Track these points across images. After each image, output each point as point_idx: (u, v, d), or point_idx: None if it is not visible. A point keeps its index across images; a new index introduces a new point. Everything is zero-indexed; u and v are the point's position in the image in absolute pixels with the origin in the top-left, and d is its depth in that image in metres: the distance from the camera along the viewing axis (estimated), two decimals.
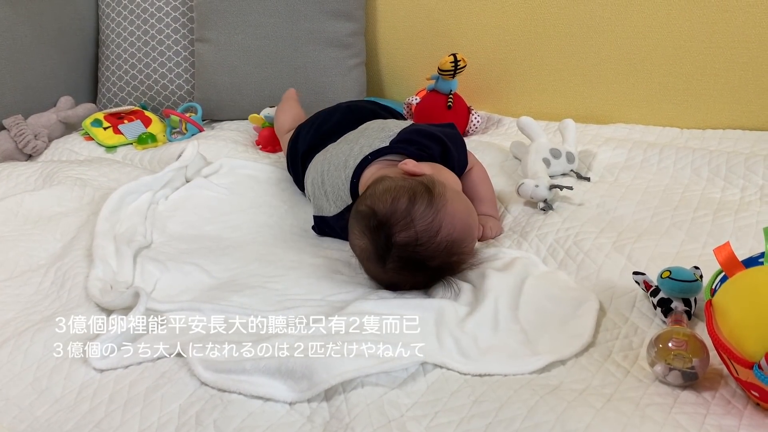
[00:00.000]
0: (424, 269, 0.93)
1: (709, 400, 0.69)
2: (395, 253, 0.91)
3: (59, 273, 1.01)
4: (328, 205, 1.12)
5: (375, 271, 0.96)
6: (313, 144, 1.25)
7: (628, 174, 1.27)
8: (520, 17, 1.63)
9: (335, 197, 1.11)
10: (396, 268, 0.92)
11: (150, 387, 0.76)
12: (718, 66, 1.47)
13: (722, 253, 0.70)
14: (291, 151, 1.33)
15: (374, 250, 0.93)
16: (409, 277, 0.94)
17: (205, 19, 1.73)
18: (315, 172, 1.17)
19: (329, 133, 1.25)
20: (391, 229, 0.91)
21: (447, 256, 0.93)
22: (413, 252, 0.91)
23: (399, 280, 0.95)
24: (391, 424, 0.68)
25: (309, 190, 1.19)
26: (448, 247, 0.92)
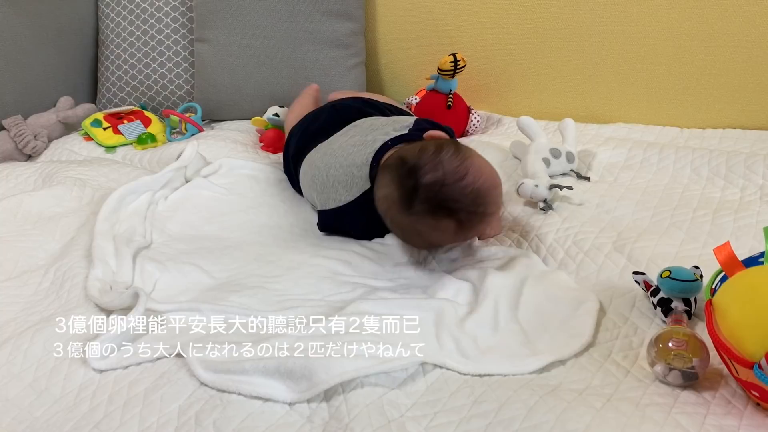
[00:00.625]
0: (448, 215, 0.93)
1: (710, 400, 0.69)
2: (422, 194, 0.93)
3: (59, 273, 1.01)
4: (341, 194, 1.11)
5: (400, 219, 0.97)
6: (301, 146, 1.25)
7: (628, 173, 1.27)
8: (520, 17, 1.63)
9: (350, 185, 1.10)
10: (422, 211, 0.94)
11: (149, 387, 0.76)
12: (718, 65, 1.47)
13: (722, 253, 0.70)
14: (285, 154, 1.34)
15: (401, 194, 0.95)
16: (432, 224, 0.95)
17: (205, 19, 1.73)
18: (316, 169, 1.16)
19: (316, 133, 1.25)
20: (419, 171, 0.94)
21: (472, 205, 0.94)
22: (439, 192, 0.93)
23: (423, 227, 0.96)
24: (391, 425, 0.68)
25: (310, 187, 1.18)
26: (474, 195, 0.94)
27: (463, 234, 0.99)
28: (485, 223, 1.00)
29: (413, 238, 1.01)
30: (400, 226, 1.00)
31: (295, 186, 1.30)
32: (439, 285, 0.93)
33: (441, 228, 0.96)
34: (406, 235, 1.01)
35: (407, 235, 1.01)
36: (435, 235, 0.98)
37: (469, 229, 0.98)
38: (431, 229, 0.96)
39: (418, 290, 0.94)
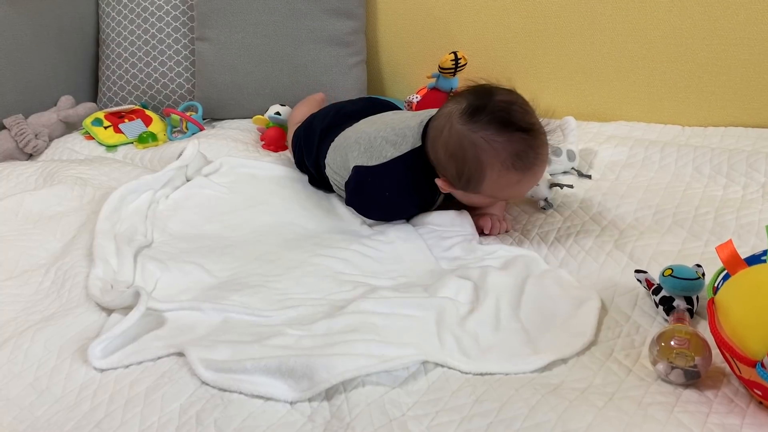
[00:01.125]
0: (511, 130, 0.97)
1: (712, 399, 0.69)
2: (491, 106, 0.98)
3: (59, 272, 1.01)
4: (387, 151, 1.11)
5: (458, 129, 0.99)
6: (334, 123, 1.26)
7: (630, 172, 1.27)
8: (522, 15, 1.63)
9: (399, 143, 1.11)
10: (486, 122, 0.97)
11: (150, 387, 0.76)
12: (720, 63, 1.46)
13: (724, 251, 0.69)
14: (306, 130, 1.32)
15: (470, 104, 1.00)
16: (491, 138, 0.97)
17: (206, 17, 1.73)
18: (362, 132, 1.17)
19: (350, 115, 1.27)
20: (494, 91, 1.01)
21: (536, 137, 0.98)
22: (510, 110, 0.98)
23: (480, 140, 0.98)
24: (392, 424, 0.68)
25: (350, 148, 1.16)
26: (539, 130, 0.99)
27: (514, 165, 0.97)
28: (532, 172, 0.99)
29: (457, 157, 1.00)
30: (455, 136, 1.00)
31: (302, 166, 1.32)
32: (441, 284, 0.93)
33: (497, 146, 0.97)
34: (456, 151, 1.00)
35: (457, 151, 1.00)
36: (486, 155, 0.98)
37: (523, 160, 0.97)
38: (487, 144, 0.97)
39: (419, 289, 0.94)
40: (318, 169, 1.27)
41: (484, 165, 0.99)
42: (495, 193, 1.04)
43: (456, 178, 1.04)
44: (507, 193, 1.05)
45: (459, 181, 1.03)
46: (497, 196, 1.06)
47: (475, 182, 1.01)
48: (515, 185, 1.01)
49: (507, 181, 1.00)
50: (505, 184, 1.01)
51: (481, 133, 0.98)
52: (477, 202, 1.10)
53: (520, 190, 1.04)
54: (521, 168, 0.98)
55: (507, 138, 0.97)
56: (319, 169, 1.27)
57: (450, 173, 1.04)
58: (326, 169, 1.23)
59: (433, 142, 1.05)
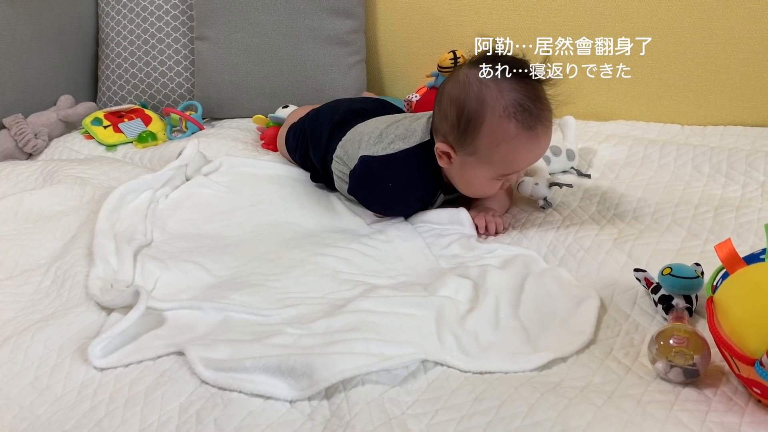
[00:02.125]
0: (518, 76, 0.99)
1: (711, 398, 0.69)
2: (503, 57, 1.01)
3: (59, 272, 1.01)
4: (396, 145, 1.13)
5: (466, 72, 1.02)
6: (345, 119, 1.27)
7: (629, 171, 1.27)
8: (520, 14, 1.63)
9: (408, 137, 1.13)
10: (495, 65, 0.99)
11: (150, 386, 0.76)
12: (719, 62, 1.46)
13: (723, 250, 0.69)
14: (312, 124, 1.32)
15: (477, 57, 1.02)
16: (498, 77, 0.98)
17: (205, 17, 1.73)
18: (372, 127, 1.19)
19: (360, 113, 1.28)
20: (503, 54, 1.03)
21: (542, 91, 1.01)
22: (521, 61, 1.01)
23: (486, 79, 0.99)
24: (392, 422, 0.68)
25: (360, 139, 1.18)
26: (547, 85, 1.01)
27: (515, 115, 0.98)
28: (533, 132, 0.99)
29: (460, 97, 1.01)
30: (461, 77, 1.02)
31: (304, 161, 1.33)
32: (440, 282, 0.93)
33: (503, 87, 0.98)
34: (457, 92, 1.02)
35: (458, 92, 1.01)
36: (489, 93, 0.98)
37: (526, 112, 0.98)
38: (493, 84, 0.98)
39: (418, 288, 0.94)
40: (324, 164, 1.27)
41: (485, 104, 0.99)
42: (491, 151, 1.01)
43: (455, 126, 1.02)
44: (503, 154, 1.01)
45: (458, 128, 1.02)
46: (493, 159, 1.02)
47: (473, 128, 1.00)
48: (512, 142, 0.99)
49: (504, 133, 0.98)
50: (502, 138, 0.99)
51: (490, 81, 0.99)
52: (475, 177, 1.07)
53: (517, 154, 1.01)
54: (522, 121, 0.98)
55: (514, 82, 0.98)
56: (325, 163, 1.26)
57: (450, 120, 1.03)
58: (333, 163, 1.23)
59: (439, 95, 1.06)
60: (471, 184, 1.10)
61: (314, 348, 0.78)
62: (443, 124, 1.05)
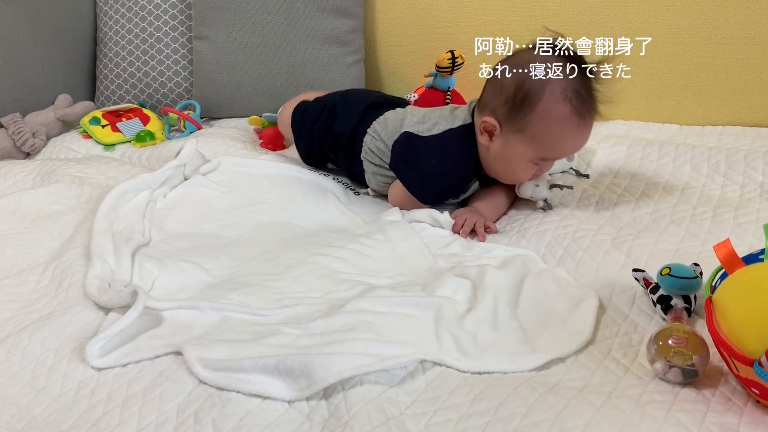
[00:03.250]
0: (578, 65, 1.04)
1: (710, 398, 0.69)
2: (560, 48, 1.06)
3: (57, 271, 1.01)
4: (440, 126, 1.17)
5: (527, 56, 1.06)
6: (380, 103, 1.32)
7: (628, 170, 1.27)
8: (519, 14, 1.63)
9: (450, 119, 1.18)
10: (555, 54, 1.05)
11: (148, 385, 0.76)
12: (718, 62, 1.46)
13: (722, 250, 0.69)
14: (345, 99, 1.36)
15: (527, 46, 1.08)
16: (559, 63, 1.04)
17: (203, 16, 1.73)
18: (414, 110, 1.25)
19: (393, 102, 1.34)
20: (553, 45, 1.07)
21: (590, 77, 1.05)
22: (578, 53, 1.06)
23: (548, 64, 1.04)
24: (390, 423, 0.68)
25: (398, 120, 1.23)
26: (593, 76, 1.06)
27: (571, 99, 1.03)
28: (583, 119, 1.05)
29: (520, 75, 1.05)
30: (523, 58, 1.05)
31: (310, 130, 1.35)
32: (438, 283, 0.93)
33: (567, 72, 1.03)
34: (518, 70, 1.05)
35: (518, 69, 1.05)
36: (554, 75, 1.03)
37: (581, 99, 1.03)
38: (550, 69, 1.03)
39: (417, 288, 0.94)
40: (351, 138, 1.28)
41: (546, 83, 1.03)
42: (539, 130, 1.05)
43: (510, 98, 1.06)
44: (550, 135, 1.06)
45: (513, 101, 1.06)
46: (539, 139, 1.06)
47: (529, 103, 1.05)
48: (562, 124, 1.04)
49: (559, 113, 1.04)
50: (554, 118, 1.04)
51: (550, 59, 1.04)
52: (514, 157, 1.10)
53: (563, 138, 1.07)
54: (576, 106, 1.03)
55: (572, 72, 1.04)
56: (353, 137, 1.28)
57: (506, 94, 1.07)
58: (367, 137, 1.25)
59: (493, 71, 1.10)
60: (508, 163, 1.12)
61: (312, 348, 0.78)
62: (496, 98, 1.09)
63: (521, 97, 1.05)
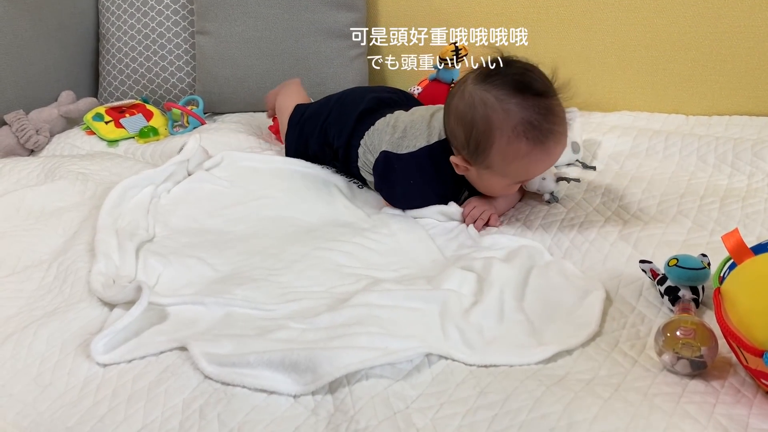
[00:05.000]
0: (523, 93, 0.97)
1: (718, 389, 0.69)
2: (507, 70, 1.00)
3: (61, 268, 1.01)
4: (419, 141, 1.13)
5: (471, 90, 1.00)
6: (373, 107, 1.27)
7: (634, 162, 1.26)
8: (523, 4, 1.61)
9: (431, 135, 1.13)
10: (498, 83, 0.98)
11: (153, 381, 0.76)
12: (724, 51, 1.45)
13: (730, 240, 0.69)
14: (340, 108, 1.32)
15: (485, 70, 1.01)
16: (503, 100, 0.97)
17: (205, 11, 1.72)
18: (397, 120, 1.19)
19: (388, 102, 1.29)
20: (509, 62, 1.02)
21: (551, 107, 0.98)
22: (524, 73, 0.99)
23: (492, 101, 0.97)
24: (396, 416, 0.68)
25: (384, 131, 1.19)
26: (555, 101, 1.00)
27: (525, 134, 0.96)
28: (544, 147, 0.98)
29: (466, 119, 1.00)
30: (466, 97, 1.01)
31: (310, 142, 1.33)
32: (444, 276, 0.93)
33: (508, 108, 0.96)
34: (463, 112, 1.01)
35: (463, 112, 1.01)
36: (496, 116, 0.97)
37: (535, 129, 0.96)
38: (498, 105, 0.97)
39: (422, 281, 0.93)
40: (347, 150, 1.27)
41: (492, 127, 0.98)
42: (504, 167, 1.01)
43: (465, 145, 1.03)
44: (517, 168, 1.01)
45: (468, 148, 1.02)
46: (508, 172, 1.03)
47: (483, 149, 1.00)
48: (524, 158, 0.99)
49: (516, 152, 0.98)
50: (514, 156, 0.99)
51: (493, 92, 0.97)
52: (492, 184, 1.08)
53: (531, 167, 1.02)
54: (532, 139, 0.97)
55: (520, 101, 0.96)
56: (348, 149, 1.26)
57: (459, 140, 1.04)
58: (360, 148, 1.23)
59: (446, 110, 1.05)
60: (490, 189, 1.11)
61: (318, 342, 0.78)
62: (453, 140, 1.07)
63: (474, 144, 1.01)
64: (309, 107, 1.40)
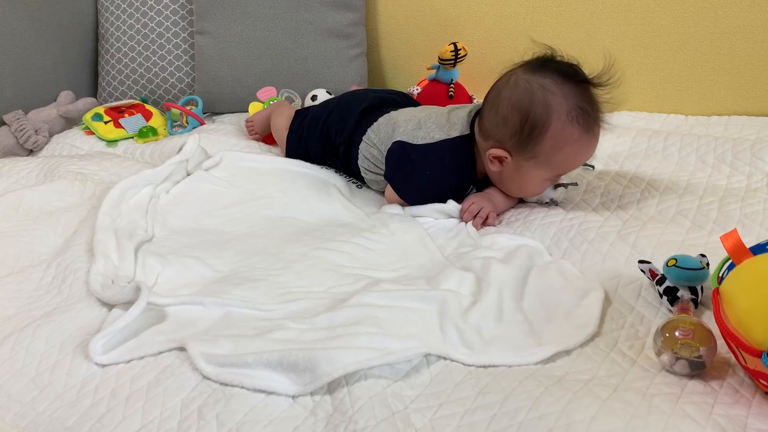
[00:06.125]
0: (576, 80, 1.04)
1: (717, 390, 0.69)
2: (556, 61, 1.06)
3: (60, 268, 1.01)
4: (434, 133, 1.15)
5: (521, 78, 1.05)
6: (375, 105, 1.29)
7: (633, 162, 1.26)
8: (523, 4, 1.61)
9: (447, 128, 1.15)
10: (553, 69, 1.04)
11: (152, 381, 0.76)
12: (723, 51, 1.45)
13: (729, 241, 0.69)
14: (340, 106, 1.33)
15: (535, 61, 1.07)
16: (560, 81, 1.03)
17: (205, 11, 1.72)
18: (410, 114, 1.21)
19: (389, 102, 1.31)
20: (554, 56, 1.09)
21: (595, 95, 1.05)
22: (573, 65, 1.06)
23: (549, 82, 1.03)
24: (395, 417, 0.68)
25: (392, 126, 1.20)
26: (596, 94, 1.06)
27: (578, 119, 1.02)
28: (593, 133, 1.04)
29: (523, 103, 1.03)
30: (522, 83, 1.04)
31: (311, 143, 1.34)
32: (443, 276, 0.93)
33: (566, 91, 1.02)
34: (519, 97, 1.04)
35: (520, 97, 1.04)
36: (554, 99, 1.02)
37: (587, 115, 1.02)
38: (557, 88, 1.02)
39: (421, 281, 0.93)
40: (348, 146, 1.27)
41: (551, 109, 1.02)
42: (553, 155, 1.05)
43: (517, 132, 1.05)
44: (564, 156, 1.06)
45: (520, 134, 1.05)
46: (553, 161, 1.06)
47: (537, 134, 1.03)
48: (574, 145, 1.04)
49: (568, 137, 1.03)
50: (565, 142, 1.04)
51: (550, 78, 1.03)
52: (529, 179, 1.09)
53: (578, 155, 1.07)
54: (584, 124, 1.02)
55: (574, 86, 1.03)
56: (350, 146, 1.27)
57: (511, 127, 1.05)
58: (362, 144, 1.24)
59: (494, 99, 1.08)
60: (523, 186, 1.12)
61: (316, 342, 0.78)
62: (500, 130, 1.07)
63: (529, 129, 1.04)
64: (309, 111, 1.40)
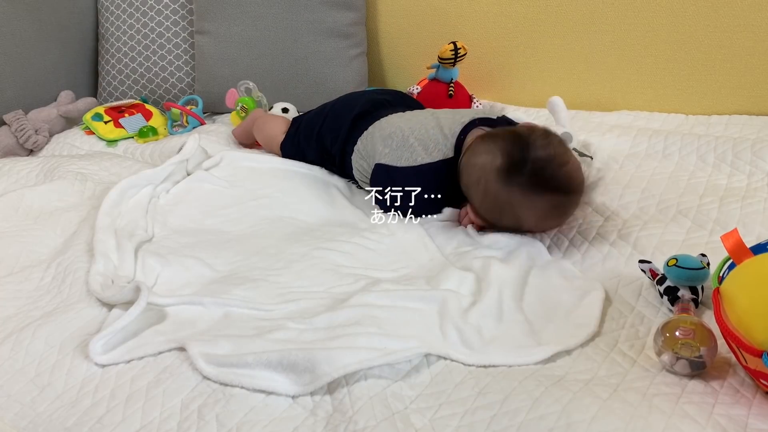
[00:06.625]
0: (548, 193, 0.97)
1: (718, 390, 0.68)
2: (529, 167, 0.97)
3: (60, 268, 1.01)
4: (418, 154, 1.12)
5: (495, 189, 1.00)
6: (366, 110, 1.28)
7: (633, 162, 1.25)
8: (523, 3, 1.61)
9: (431, 149, 1.12)
10: (523, 184, 0.97)
11: (152, 382, 0.76)
12: (724, 51, 1.45)
13: (730, 240, 0.69)
14: (333, 113, 1.32)
15: (504, 163, 0.98)
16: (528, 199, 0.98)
17: (205, 11, 1.72)
18: (396, 127, 1.18)
19: (382, 104, 1.30)
20: (530, 145, 0.98)
21: (573, 190, 0.99)
22: (545, 169, 0.97)
23: (516, 201, 0.99)
24: (395, 417, 0.68)
25: (380, 141, 1.18)
26: (575, 181, 0.99)
27: (552, 218, 1.02)
28: (569, 213, 1.03)
29: (496, 211, 1.02)
30: (492, 195, 1.01)
31: (308, 153, 1.33)
32: (443, 276, 0.93)
33: (535, 206, 0.99)
34: (492, 206, 1.02)
35: (493, 206, 1.02)
36: (525, 213, 1.00)
37: (560, 215, 1.02)
38: (524, 206, 0.99)
39: (421, 281, 0.93)
40: (342, 156, 1.27)
41: (521, 220, 1.02)
42: (531, 228, 1.05)
43: (491, 223, 1.06)
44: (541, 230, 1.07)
45: (497, 221, 1.05)
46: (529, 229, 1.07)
47: (515, 223, 1.04)
48: (550, 221, 1.04)
49: (543, 227, 1.05)
50: (542, 228, 1.05)
51: (517, 195, 0.99)
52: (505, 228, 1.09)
53: (554, 227, 1.07)
54: (557, 216, 1.02)
55: (544, 197, 0.98)
56: (343, 155, 1.27)
57: (486, 217, 1.06)
58: (354, 154, 1.23)
59: (468, 188, 1.06)
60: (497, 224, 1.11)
61: (316, 343, 0.78)
62: (476, 205, 1.06)
63: (506, 222, 1.04)
64: (304, 117, 1.40)
